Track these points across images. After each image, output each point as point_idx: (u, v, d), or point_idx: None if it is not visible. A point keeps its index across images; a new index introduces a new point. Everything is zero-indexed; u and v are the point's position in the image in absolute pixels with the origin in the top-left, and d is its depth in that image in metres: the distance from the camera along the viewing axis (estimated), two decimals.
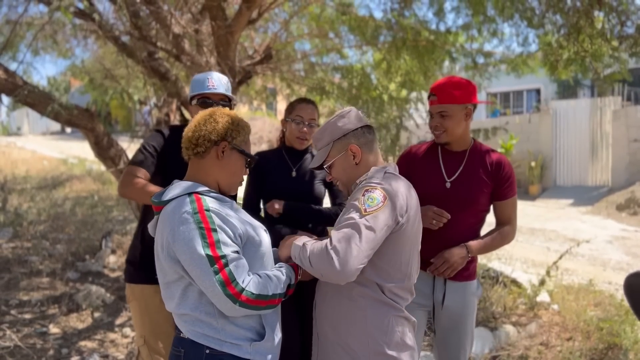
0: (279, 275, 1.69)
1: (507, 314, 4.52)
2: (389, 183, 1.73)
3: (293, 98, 6.53)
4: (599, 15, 4.31)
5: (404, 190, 1.76)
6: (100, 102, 23.81)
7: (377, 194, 1.68)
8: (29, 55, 7.43)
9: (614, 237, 8.63)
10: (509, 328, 4.27)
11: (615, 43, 4.26)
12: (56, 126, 29.92)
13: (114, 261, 5.97)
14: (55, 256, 6.00)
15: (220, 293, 1.53)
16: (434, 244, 2.22)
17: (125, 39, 5.38)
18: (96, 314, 4.54)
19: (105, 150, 4.65)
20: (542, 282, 4.85)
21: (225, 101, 2.43)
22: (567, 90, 14.59)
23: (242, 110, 17.26)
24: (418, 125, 5.88)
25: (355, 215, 1.65)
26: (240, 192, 2.32)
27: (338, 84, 5.07)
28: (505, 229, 2.33)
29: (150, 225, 1.74)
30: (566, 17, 4.66)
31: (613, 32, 4.25)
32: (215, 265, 1.53)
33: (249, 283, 1.57)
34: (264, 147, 15.33)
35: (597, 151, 12.43)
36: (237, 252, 1.59)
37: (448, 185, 2.25)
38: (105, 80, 7.29)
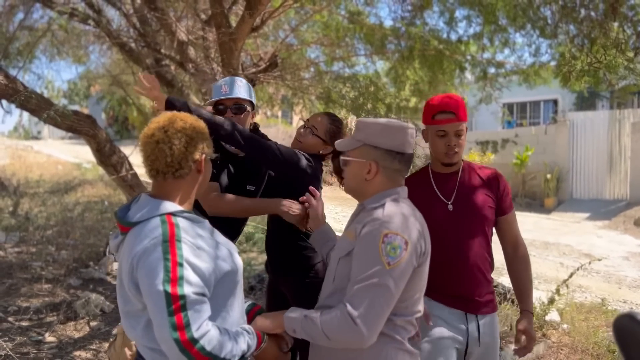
0: (240, 338, 1.50)
1: (514, 334, 4.35)
2: (407, 224, 1.59)
3: (302, 106, 6.48)
4: (613, 25, 4.17)
5: (420, 229, 1.64)
6: (118, 108, 24.09)
7: (399, 242, 1.54)
8: (44, 60, 7.53)
9: (631, 253, 8.37)
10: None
11: (630, 54, 4.11)
12: None
13: (117, 268, 5.93)
14: (58, 262, 5.98)
15: (169, 337, 1.35)
16: (455, 274, 2.10)
17: (132, 45, 5.37)
18: (94, 323, 4.49)
19: (107, 157, 4.63)
20: (551, 301, 4.67)
21: (239, 105, 2.36)
22: (585, 102, 14.32)
23: (257, 118, 17.26)
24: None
25: (379, 270, 1.52)
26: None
27: (344, 93, 4.98)
28: (521, 253, 2.25)
29: (111, 246, 1.63)
30: (580, 27, 4.53)
31: (628, 43, 4.10)
32: (172, 306, 1.35)
33: (204, 335, 1.38)
34: None
35: (615, 164, 12.14)
36: (201, 294, 1.41)
37: (450, 207, 2.12)
38: (112, 86, 7.30)
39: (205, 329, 1.38)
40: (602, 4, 4.25)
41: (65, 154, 16.51)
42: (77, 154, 16.55)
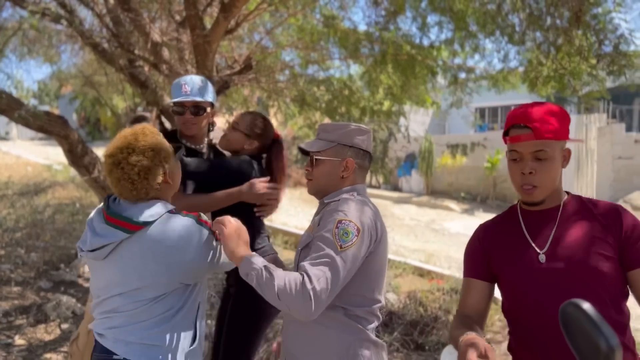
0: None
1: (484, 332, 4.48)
2: (361, 213, 1.69)
3: (277, 109, 6.51)
4: (577, 33, 4.33)
5: (373, 218, 1.73)
6: (90, 109, 23.69)
7: (352, 228, 1.64)
8: (14, 59, 7.41)
9: None
10: None
11: (593, 61, 4.27)
12: None
13: (89, 271, 5.86)
14: (28, 264, 5.88)
15: None
16: (555, 352, 1.49)
17: (105, 46, 5.33)
18: (65, 326, 4.44)
19: (79, 158, 4.58)
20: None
21: (199, 106, 2.39)
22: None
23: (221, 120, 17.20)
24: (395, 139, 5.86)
25: (331, 251, 1.60)
26: None
27: (318, 96, 5.04)
28: None
29: (101, 245, 1.67)
30: (546, 34, 4.68)
31: (591, 51, 4.26)
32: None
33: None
34: None
35: (582, 167, 12.49)
36: None
37: (542, 258, 1.54)
38: (84, 87, 7.21)
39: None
40: (566, 12, 4.41)
41: (35, 155, 16.16)
42: (48, 155, 16.22)
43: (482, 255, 1.64)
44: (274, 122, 3.62)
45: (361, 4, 6.73)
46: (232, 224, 1.69)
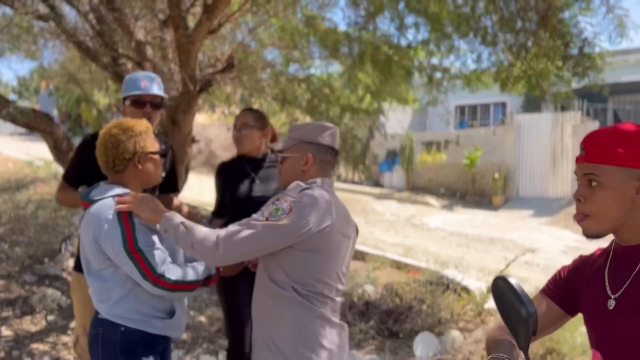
0: (198, 266, 1.98)
1: (455, 320, 4.69)
2: (303, 198, 1.81)
3: (259, 107, 6.66)
4: (545, 35, 4.54)
5: (326, 206, 1.83)
6: (71, 104, 23.49)
7: (285, 206, 1.78)
8: None
9: (569, 247, 8.94)
10: (455, 333, 4.44)
11: (559, 63, 4.49)
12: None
13: (73, 265, 5.96)
14: (12, 259, 5.96)
15: (145, 283, 1.85)
16: None
17: (89, 44, 5.42)
18: (50, 317, 4.55)
19: (64, 154, 4.68)
20: (489, 290, 5.04)
21: (157, 100, 2.56)
22: (531, 105, 15.05)
23: (214, 116, 17.29)
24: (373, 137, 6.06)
25: (256, 220, 1.79)
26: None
27: (298, 95, 5.20)
28: None
29: (76, 222, 1.93)
30: (516, 36, 4.90)
31: (557, 53, 4.48)
32: (135, 258, 1.83)
33: (167, 270, 1.86)
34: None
35: (558, 164, 12.85)
36: (156, 246, 1.89)
37: (611, 305, 1.33)
38: (68, 84, 7.27)
39: (165, 268, 1.86)
40: (535, 16, 4.63)
41: (15, 151, 16.06)
42: (28, 151, 16.12)
43: (569, 283, 1.47)
44: None
45: (341, 4, 6.90)
46: (133, 197, 1.89)
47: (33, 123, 4.22)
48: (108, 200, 1.90)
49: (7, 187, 10.66)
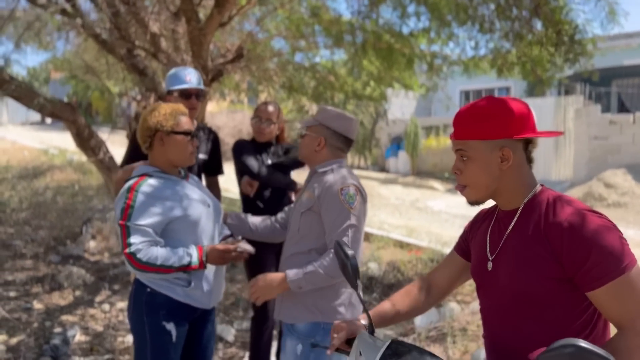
0: (182, 254, 2.11)
1: (453, 293, 5.00)
2: (351, 178, 2.21)
3: (267, 94, 6.94)
4: (538, 23, 4.78)
5: (357, 181, 2.23)
6: (82, 94, 23.85)
7: (352, 190, 2.14)
8: (10, 47, 7.72)
9: None
10: (454, 305, 4.75)
11: (551, 49, 4.73)
12: (36, 117, 29.77)
13: (94, 246, 6.32)
14: (37, 241, 6.33)
15: (121, 250, 2.08)
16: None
17: (105, 36, 5.70)
18: (77, 293, 4.91)
19: (86, 141, 4.99)
20: None
21: (201, 93, 2.91)
22: (535, 89, 15.20)
23: (222, 105, 17.57)
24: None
25: (347, 216, 2.11)
26: None
27: (304, 82, 5.47)
28: (624, 342, 1.24)
29: None
30: (512, 24, 5.14)
31: (550, 40, 4.72)
32: (121, 231, 2.06)
33: (140, 250, 2.04)
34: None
35: (560, 147, 13.03)
36: (143, 225, 2.05)
37: (489, 266, 1.46)
38: (87, 75, 7.59)
39: (139, 246, 2.03)
40: (529, 4, 4.86)
41: (30, 140, 16.46)
42: (42, 140, 16.52)
43: (467, 238, 1.63)
44: None
45: None
46: (256, 285, 2.18)
47: (58, 112, 4.52)
48: (132, 179, 2.16)
49: (25, 174, 11.05)
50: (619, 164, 11.45)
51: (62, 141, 15.51)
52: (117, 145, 6.60)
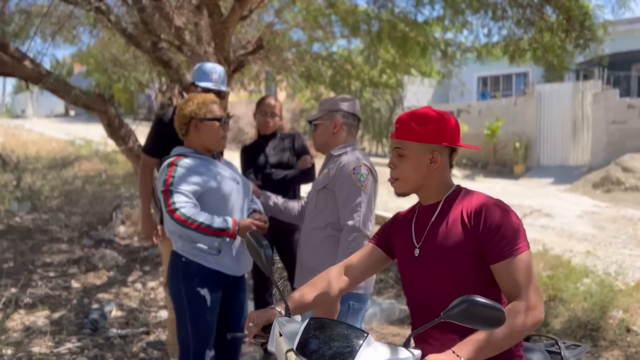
0: (220, 219, 2.36)
1: None
2: (364, 159, 2.43)
3: (285, 83, 7.17)
4: (548, 10, 4.90)
5: (369, 163, 2.46)
6: (104, 85, 24.36)
7: (363, 170, 2.35)
8: (39, 41, 8.05)
9: (585, 212, 9.27)
10: None
11: (562, 36, 4.85)
12: (60, 109, 30.47)
13: (124, 231, 6.66)
14: (71, 226, 6.69)
15: (165, 212, 2.34)
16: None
17: (132, 30, 5.97)
18: (111, 273, 5.24)
19: (117, 130, 5.29)
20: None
21: (223, 94, 3.17)
22: (553, 74, 15.15)
23: (241, 94, 17.85)
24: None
25: (359, 193, 2.31)
26: None
27: (322, 71, 5.67)
28: (513, 307, 1.46)
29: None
30: (524, 11, 5.26)
31: (561, 26, 4.84)
32: (164, 195, 2.35)
33: (184, 207, 2.30)
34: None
35: (578, 132, 13.03)
36: (185, 190, 2.33)
37: (417, 252, 1.65)
38: (114, 67, 7.89)
39: (183, 204, 2.31)
40: None
41: (56, 132, 16.98)
42: (68, 132, 17.00)
43: (388, 235, 1.79)
44: (283, 95, 4.31)
45: None
46: None
47: (91, 104, 4.82)
48: (171, 157, 2.45)
49: (54, 164, 11.48)
50: (637, 148, 11.43)
51: (86, 132, 15.97)
52: (140, 135, 6.91)
